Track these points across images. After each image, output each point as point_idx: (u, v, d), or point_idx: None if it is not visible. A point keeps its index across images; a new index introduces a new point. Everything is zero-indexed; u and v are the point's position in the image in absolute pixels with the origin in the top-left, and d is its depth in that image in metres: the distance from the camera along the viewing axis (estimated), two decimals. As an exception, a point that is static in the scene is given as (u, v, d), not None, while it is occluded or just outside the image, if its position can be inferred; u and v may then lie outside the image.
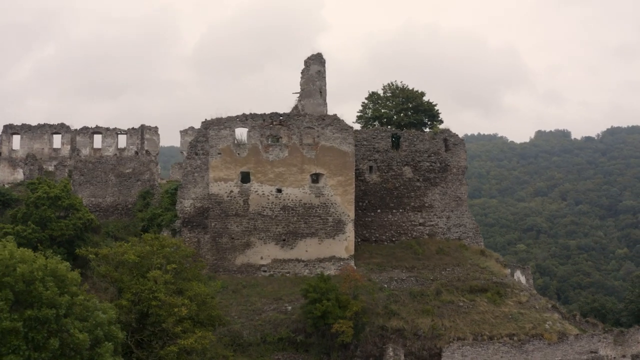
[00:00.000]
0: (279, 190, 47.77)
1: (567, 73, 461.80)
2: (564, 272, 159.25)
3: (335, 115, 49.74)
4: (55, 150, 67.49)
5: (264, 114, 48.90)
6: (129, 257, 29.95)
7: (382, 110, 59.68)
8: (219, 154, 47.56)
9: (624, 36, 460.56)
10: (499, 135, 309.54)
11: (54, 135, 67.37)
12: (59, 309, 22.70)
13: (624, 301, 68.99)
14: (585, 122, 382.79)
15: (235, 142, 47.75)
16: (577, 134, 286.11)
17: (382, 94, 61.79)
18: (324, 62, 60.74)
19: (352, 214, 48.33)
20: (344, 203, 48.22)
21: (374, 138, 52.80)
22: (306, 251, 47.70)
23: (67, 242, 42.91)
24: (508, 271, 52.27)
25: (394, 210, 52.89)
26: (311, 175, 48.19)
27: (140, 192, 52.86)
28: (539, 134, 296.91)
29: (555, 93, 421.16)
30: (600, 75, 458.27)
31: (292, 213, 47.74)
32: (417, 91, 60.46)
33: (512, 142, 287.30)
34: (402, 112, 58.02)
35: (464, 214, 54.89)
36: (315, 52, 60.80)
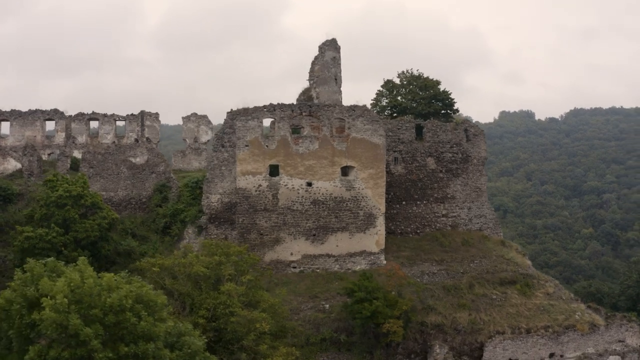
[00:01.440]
0: (309, 184, 46.56)
1: (528, 54, 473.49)
2: (531, 251, 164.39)
3: (365, 106, 48.71)
4: (49, 137, 63.48)
5: (292, 104, 47.32)
6: (198, 270, 27.98)
7: (400, 99, 58.82)
8: (247, 146, 45.76)
9: (585, 19, 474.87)
10: (464, 115, 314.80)
11: (47, 122, 63.25)
12: (157, 341, 20.98)
13: (621, 286, 71.89)
14: (544, 103, 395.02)
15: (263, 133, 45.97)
16: (538, 115, 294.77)
17: (397, 82, 60.89)
18: (339, 48, 59.31)
19: (382, 208, 47.79)
20: (374, 196, 47.54)
21: (398, 129, 52.11)
22: (337, 246, 46.91)
23: (90, 244, 40.41)
24: (529, 262, 53.14)
25: (418, 202, 52.69)
26: (341, 168, 47.10)
27: (155, 186, 50.25)
28: (503, 114, 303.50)
29: (516, 74, 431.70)
30: (560, 57, 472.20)
31: (323, 207, 46.71)
32: (433, 79, 59.93)
33: (477, 122, 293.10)
34: (421, 101, 57.34)
35: (484, 204, 55.32)
36: (329, 38, 59.26)
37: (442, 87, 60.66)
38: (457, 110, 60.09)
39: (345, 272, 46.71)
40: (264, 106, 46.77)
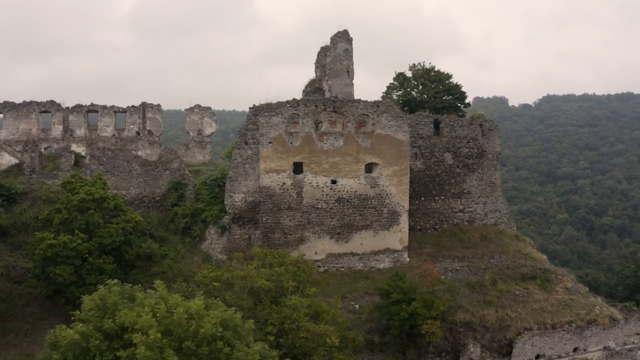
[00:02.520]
0: (334, 182, 46.00)
1: (499, 41, 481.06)
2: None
3: (389, 101, 48.25)
4: (45, 130, 60.63)
5: (317, 99, 46.42)
6: (262, 284, 26.99)
7: (413, 93, 58.56)
8: (270, 143, 44.74)
9: (556, 6, 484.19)
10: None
11: (43, 114, 60.34)
12: None
13: (618, 275, 74.31)
14: (516, 90, 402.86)
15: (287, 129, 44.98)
16: (512, 102, 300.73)
17: (409, 75, 60.55)
18: (351, 40, 58.49)
19: (406, 205, 47.74)
20: (398, 193, 47.42)
21: (417, 124, 51.91)
22: (361, 244, 46.70)
23: (114, 249, 38.93)
24: (545, 257, 54.21)
25: (436, 198, 52.86)
26: (365, 165, 46.68)
27: (170, 183, 48.67)
28: (477, 100, 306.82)
29: (487, 60, 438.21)
30: (531, 43, 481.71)
31: (347, 205, 46.30)
32: (444, 73, 59.85)
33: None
34: (436, 96, 57.22)
35: (498, 199, 55.97)
36: (341, 29, 58.36)
37: (454, 81, 60.60)
38: (468, 104, 60.26)
39: (369, 271, 46.66)
40: (288, 101, 45.76)
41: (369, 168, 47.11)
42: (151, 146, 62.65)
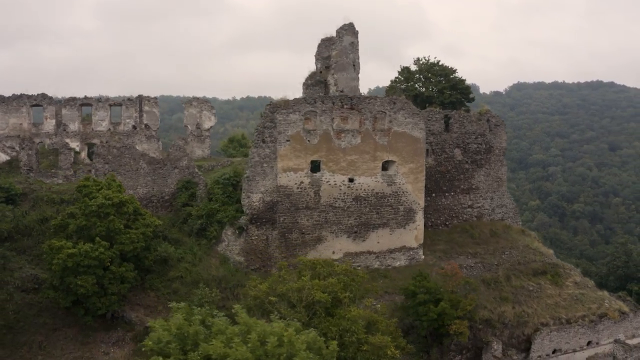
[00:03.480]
0: (351, 180, 45.63)
1: (468, 28, 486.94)
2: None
3: (404, 98, 47.94)
4: (36, 125, 58.03)
5: (334, 96, 45.73)
6: (320, 297, 26.33)
7: (419, 88, 58.47)
8: (288, 141, 43.91)
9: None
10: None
11: (34, 108, 57.76)
12: None
13: (608, 266, 76.84)
14: (485, 77, 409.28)
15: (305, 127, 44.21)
16: (482, 89, 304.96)
17: (414, 69, 60.40)
18: (357, 33, 57.82)
19: (422, 202, 47.88)
20: (414, 191, 47.48)
21: (428, 120, 51.86)
22: (378, 242, 46.65)
23: (134, 256, 37.59)
24: (552, 251, 55.43)
25: (446, 194, 53.20)
26: (382, 163, 46.47)
27: (179, 182, 47.17)
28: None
29: (455, 47, 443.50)
30: (500, 31, 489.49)
31: (364, 203, 46.08)
32: (449, 67, 59.97)
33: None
34: (444, 91, 57.28)
35: (504, 194, 56.78)
36: (347, 22, 57.55)
37: (457, 75, 60.78)
38: (473, 99, 60.62)
39: (386, 269, 46.71)
40: (305, 98, 44.94)
41: (385, 166, 46.90)
42: (149, 141, 60.94)
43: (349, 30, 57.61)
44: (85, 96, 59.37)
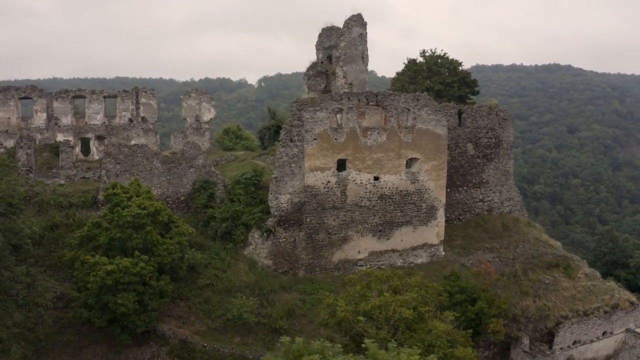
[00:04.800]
0: (376, 178, 45.37)
1: (424, 10, 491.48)
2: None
3: (426, 94, 47.83)
4: (26, 119, 54.41)
5: (359, 93, 45.05)
6: (408, 314, 25.91)
7: (427, 83, 58.54)
8: (315, 139, 43.03)
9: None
10: (369, 69, 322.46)
11: (22, 101, 54.12)
12: None
13: (594, 252, 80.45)
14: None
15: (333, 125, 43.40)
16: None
17: (420, 61, 60.36)
18: (366, 24, 57.27)
19: (443, 199, 48.30)
20: (436, 188, 47.80)
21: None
22: (401, 240, 46.83)
23: (171, 268, 36.03)
24: (559, 243, 57.34)
25: (459, 189, 53.85)
26: (406, 161, 46.43)
27: (196, 182, 45.38)
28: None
29: (412, 29, 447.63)
30: (456, 14, 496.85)
31: (389, 202, 46.01)
32: (455, 60, 60.29)
33: (383, 76, 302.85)
34: (451, 85, 57.57)
35: (511, 187, 58.09)
36: (355, 13, 56.78)
37: (460, 68, 61.19)
38: (478, 92, 61.29)
39: (409, 266, 46.94)
40: (331, 95, 44.05)
41: (409, 163, 46.86)
42: (146, 134, 58.55)
43: (357, 22, 56.87)
44: (79, 88, 56.09)
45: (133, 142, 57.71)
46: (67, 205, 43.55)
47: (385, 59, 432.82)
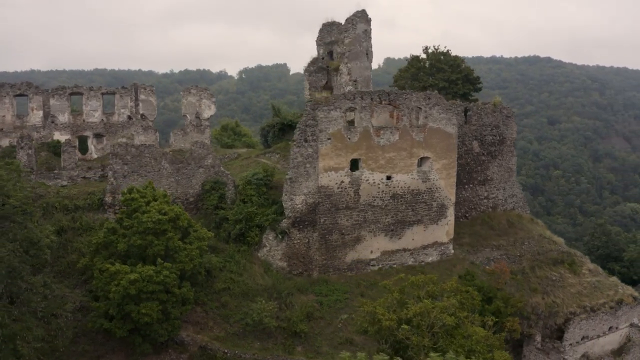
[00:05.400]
0: (389, 178, 45.38)
1: (405, 1, 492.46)
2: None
3: (436, 93, 47.90)
4: (21, 117, 52.76)
5: (372, 91, 44.86)
6: (450, 321, 25.91)
7: (431, 80, 58.65)
8: (329, 139, 42.74)
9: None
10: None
11: (18, 98, 52.45)
12: None
13: (587, 246, 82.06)
14: (417, 48, 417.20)
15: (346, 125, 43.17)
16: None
17: (422, 58, 60.42)
18: (370, 21, 57.13)
19: (453, 198, 48.63)
20: (447, 187, 48.08)
21: (451, 113, 52.14)
22: (412, 239, 47.04)
23: (192, 274, 35.40)
24: (562, 240, 58.35)
25: (465, 186, 54.28)
26: (418, 160, 46.55)
27: (206, 183, 44.63)
28: (389, 61, 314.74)
29: (392, 20, 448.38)
30: (435, 4, 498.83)
31: (401, 201, 46.12)
32: (459, 57, 60.53)
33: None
34: (456, 82, 57.78)
35: (514, 184, 58.83)
36: (359, 9, 56.56)
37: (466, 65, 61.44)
38: (480, 89, 61.70)
39: (419, 265, 47.24)
40: (344, 94, 43.74)
41: (420, 162, 46.97)
42: (145, 132, 57.50)
43: (362, 18, 56.63)
44: (76, 85, 54.55)
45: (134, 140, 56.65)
46: (73, 208, 42.43)
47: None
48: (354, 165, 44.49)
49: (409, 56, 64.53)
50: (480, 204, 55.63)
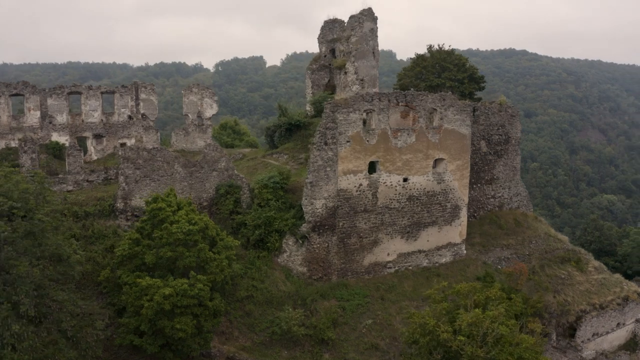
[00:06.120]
0: (405, 180, 45.48)
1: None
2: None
3: (450, 93, 48.06)
4: (17, 118, 50.82)
5: (389, 93, 44.74)
6: (504, 330, 26.11)
7: (438, 80, 58.87)
8: (348, 142, 42.52)
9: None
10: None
11: (13, 98, 50.49)
12: None
13: (580, 240, 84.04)
14: (396, 43, 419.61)
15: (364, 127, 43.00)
16: (398, 55, 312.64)
17: (427, 56, 60.59)
18: (376, 19, 56.92)
19: (466, 198, 49.09)
20: (460, 188, 48.51)
21: (460, 112, 52.47)
22: (427, 241, 47.35)
23: (222, 285, 34.74)
24: (567, 237, 59.56)
25: (474, 186, 54.80)
26: (433, 161, 46.77)
27: (220, 187, 43.76)
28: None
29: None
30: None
31: (417, 203, 46.33)
32: (464, 57, 60.93)
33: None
34: (462, 82, 58.14)
35: (518, 182, 59.74)
36: (365, 7, 56.35)
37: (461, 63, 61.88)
38: (483, 88, 62.27)
39: (434, 266, 47.65)
40: (362, 96, 43.46)
41: (434, 163, 47.18)
42: (146, 132, 56.32)
43: (368, 16, 56.42)
44: (74, 84, 52.77)
45: (133, 140, 55.31)
46: (83, 215, 41.13)
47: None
48: (371, 167, 44.42)
49: (385, 49, 65.02)
50: (488, 203, 56.32)
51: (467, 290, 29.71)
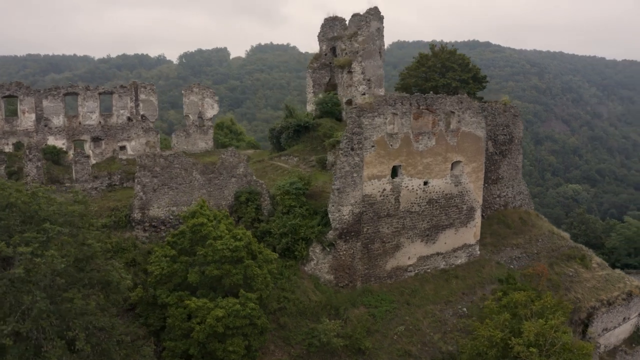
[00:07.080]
0: (426, 183, 45.78)
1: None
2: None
3: (465, 96, 48.51)
4: (10, 121, 48.10)
5: (409, 96, 44.73)
6: (567, 338, 26.59)
7: (443, 80, 59.30)
8: (373, 146, 42.35)
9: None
10: (291, 45, 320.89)
11: (6, 99, 47.72)
12: None
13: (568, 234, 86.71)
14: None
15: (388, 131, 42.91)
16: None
17: (430, 55, 60.94)
18: (383, 18, 56.85)
19: (480, 200, 49.91)
20: (475, 189, 49.27)
21: (470, 113, 53.10)
22: (445, 243, 47.94)
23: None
24: (568, 235, 61.45)
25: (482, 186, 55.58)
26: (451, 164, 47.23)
27: (240, 194, 42.64)
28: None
29: (325, 5, 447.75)
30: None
31: (436, 206, 46.75)
32: (466, 56, 61.63)
33: (306, 52, 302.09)
34: (467, 82, 58.77)
35: (520, 181, 61.13)
36: (371, 6, 56.18)
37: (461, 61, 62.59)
38: (485, 87, 63.15)
39: (450, 268, 48.29)
40: (385, 99, 43.26)
41: (452, 166, 47.63)
42: (146, 134, 54.64)
43: (375, 15, 56.30)
44: (71, 84, 50.27)
45: (133, 142, 53.42)
46: (99, 227, 39.28)
47: (301, 33, 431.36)
48: (393, 172, 44.41)
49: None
50: (494, 202, 57.37)
51: (525, 300, 30.19)
